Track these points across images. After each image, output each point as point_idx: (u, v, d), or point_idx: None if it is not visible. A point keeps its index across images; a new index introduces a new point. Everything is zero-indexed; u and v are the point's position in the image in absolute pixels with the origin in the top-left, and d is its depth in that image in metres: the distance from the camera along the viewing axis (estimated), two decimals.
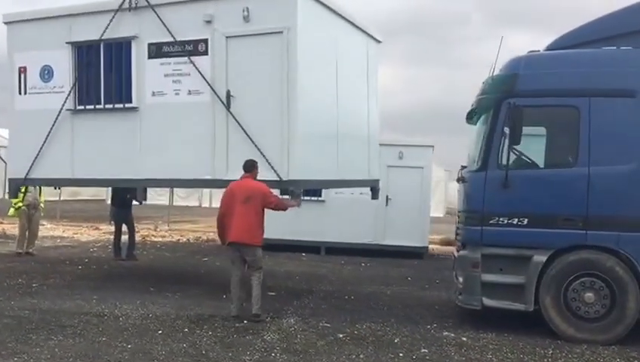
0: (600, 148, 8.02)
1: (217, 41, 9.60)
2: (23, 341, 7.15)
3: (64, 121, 10.79)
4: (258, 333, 7.83)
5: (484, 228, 8.33)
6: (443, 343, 7.68)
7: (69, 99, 10.74)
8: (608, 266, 7.94)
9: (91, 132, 10.67)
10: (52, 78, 10.96)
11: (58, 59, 10.81)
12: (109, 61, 10.43)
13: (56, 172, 10.97)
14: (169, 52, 9.95)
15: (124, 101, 10.36)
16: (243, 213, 8.51)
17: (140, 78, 10.20)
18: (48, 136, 10.83)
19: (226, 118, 9.58)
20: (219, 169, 9.65)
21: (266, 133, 9.29)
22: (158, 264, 14.00)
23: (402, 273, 13.50)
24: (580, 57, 8.40)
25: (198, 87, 9.75)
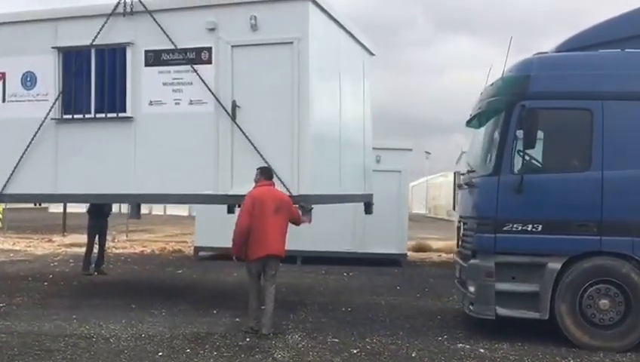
0: (613, 152, 8.04)
1: (222, 50, 9.42)
2: None
3: (48, 132, 10.24)
4: (266, 352, 7.54)
5: (498, 236, 8.25)
6: (462, 356, 7.55)
7: (54, 108, 10.24)
8: (623, 272, 7.95)
9: (79, 143, 10.16)
10: (35, 86, 10.41)
11: (42, 65, 10.30)
12: (101, 68, 10.04)
13: (37, 187, 10.35)
14: (169, 60, 9.67)
15: (118, 110, 9.95)
16: (277, 223, 8.28)
17: (136, 87, 9.84)
18: (28, 148, 10.27)
19: (231, 129, 9.34)
20: (222, 183, 9.38)
21: (275, 146, 9.09)
22: (131, 278, 13.50)
23: (388, 282, 13.39)
24: (593, 59, 8.41)
25: (201, 96, 9.48)
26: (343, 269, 15.10)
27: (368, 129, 12.11)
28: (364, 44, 11.51)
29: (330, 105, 10.09)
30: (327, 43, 9.87)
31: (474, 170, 9.25)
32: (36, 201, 12.92)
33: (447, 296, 11.56)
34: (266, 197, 8.32)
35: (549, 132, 8.24)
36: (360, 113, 11.61)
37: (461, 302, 9.19)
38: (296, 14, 9.13)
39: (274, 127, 9.16)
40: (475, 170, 9.15)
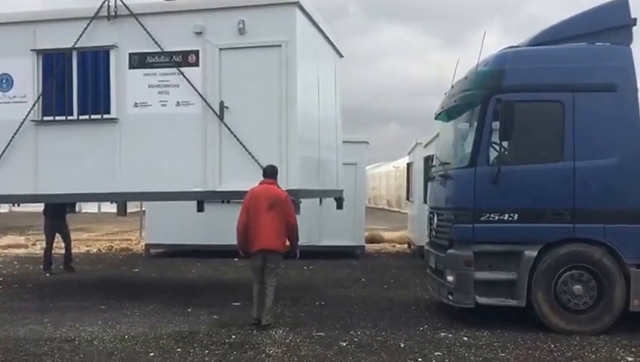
0: (584, 143, 8.54)
1: (209, 53, 9.87)
2: None
3: (26, 133, 10.42)
4: (257, 348, 7.74)
5: (476, 226, 8.66)
6: (448, 344, 7.93)
7: (32, 110, 10.41)
8: (596, 258, 8.49)
9: (60, 144, 10.37)
10: (11, 88, 10.61)
11: (19, 67, 10.51)
12: (83, 70, 10.30)
13: (17, 188, 10.53)
14: (154, 62, 10.05)
15: (102, 112, 10.24)
16: (269, 219, 8.61)
17: (120, 89, 10.17)
18: (6, 150, 10.42)
19: (218, 129, 9.81)
20: (211, 181, 9.84)
21: (263, 144, 9.62)
22: (88, 279, 13.42)
23: (351, 274, 13.74)
24: (563, 53, 8.90)
25: (188, 98, 9.93)
26: (301, 263, 15.25)
27: (339, 127, 12.73)
28: (335, 46, 12.09)
29: (311, 106, 10.59)
30: (309, 46, 10.41)
31: (447, 163, 9.64)
32: (17, 202, 12.81)
33: (414, 287, 12.00)
34: (261, 194, 8.71)
35: (524, 124, 8.64)
36: (333, 112, 12.16)
37: (437, 291, 9.56)
38: (284, 19, 9.70)
39: (262, 127, 9.68)
40: (450, 163, 9.55)
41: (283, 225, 8.75)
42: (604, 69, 8.72)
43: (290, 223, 8.86)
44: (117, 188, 10.25)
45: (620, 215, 8.52)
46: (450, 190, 9.26)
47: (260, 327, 8.58)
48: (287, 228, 8.83)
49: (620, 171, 8.53)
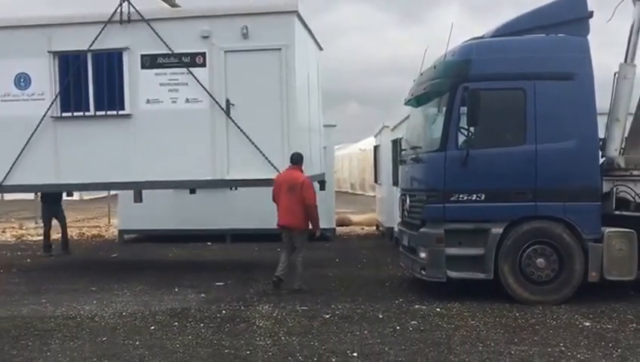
0: (544, 127, 9.42)
1: (216, 55, 11.22)
2: (23, 347, 7.39)
3: (46, 128, 11.59)
4: (248, 321, 8.53)
5: (446, 206, 9.54)
6: (423, 315, 8.80)
7: (51, 107, 11.58)
8: (557, 234, 9.42)
9: (79, 138, 11.57)
10: (29, 86, 11.72)
11: (36, 67, 11.62)
12: (98, 70, 11.50)
13: (40, 178, 11.75)
14: (164, 63, 11.34)
15: (117, 108, 11.50)
16: (288, 201, 10.20)
17: (133, 87, 11.43)
18: (28, 143, 11.57)
19: (225, 123, 11.25)
20: (219, 170, 11.30)
21: (266, 136, 11.08)
22: (70, 264, 14.11)
23: (325, 256, 14.57)
24: (525, 44, 9.77)
25: (197, 95, 11.29)
26: (274, 246, 16.02)
27: (321, 115, 14.03)
28: (317, 41, 13.29)
29: (304, 98, 11.83)
30: (303, 47, 11.73)
31: (418, 147, 10.51)
32: (40, 191, 14.02)
33: (386, 266, 12.86)
34: (282, 179, 10.37)
35: (489, 110, 9.45)
36: (316, 101, 13.37)
37: (410, 268, 10.42)
38: (284, 25, 11.18)
39: (264, 121, 11.12)
40: (420, 147, 10.41)
41: (301, 206, 10.14)
42: (563, 58, 9.61)
43: (307, 204, 10.23)
44: (131, 178, 11.51)
45: (578, 193, 9.43)
46: (422, 173, 10.13)
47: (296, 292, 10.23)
48: (304, 208, 10.19)
49: (577, 153, 9.44)
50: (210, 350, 7.21)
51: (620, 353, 7.00)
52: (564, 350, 7.11)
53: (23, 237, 18.80)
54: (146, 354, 7.07)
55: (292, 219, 10.26)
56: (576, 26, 9.74)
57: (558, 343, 7.36)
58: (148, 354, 7.03)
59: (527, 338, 7.62)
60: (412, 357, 6.91)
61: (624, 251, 9.39)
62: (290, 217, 10.25)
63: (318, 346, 7.31)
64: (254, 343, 7.47)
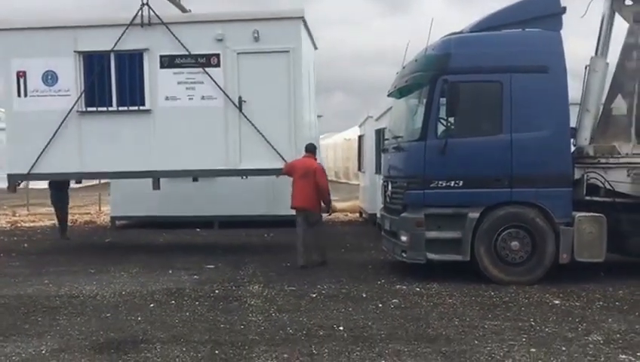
0: (520, 118, 10.00)
1: (229, 56, 12.40)
2: (34, 322, 7.90)
3: (71, 121, 12.65)
4: (240, 300, 9.09)
5: (426, 192, 10.13)
6: (403, 293, 9.40)
7: (77, 102, 12.64)
8: (530, 218, 10.04)
9: (102, 130, 12.66)
10: (56, 83, 12.75)
11: (63, 66, 12.67)
12: (120, 69, 12.57)
13: (65, 166, 12.77)
14: (182, 63, 12.48)
15: (138, 104, 12.61)
16: (302, 185, 11.39)
17: (153, 85, 12.55)
18: (55, 135, 12.59)
19: (238, 118, 12.44)
20: (232, 160, 12.50)
21: (275, 130, 12.31)
22: (66, 248, 14.70)
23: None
24: (502, 38, 10.35)
25: (212, 93, 12.46)
26: (260, 231, 16.72)
27: (315, 107, 15.31)
28: (314, 41, 14.32)
29: (306, 94, 12.89)
30: (306, 49, 13.10)
31: (400, 136, 11.08)
32: (65, 178, 14.79)
33: (369, 250, 13.44)
34: (297, 165, 11.59)
35: (467, 102, 10.00)
36: (313, 95, 14.55)
37: (392, 251, 11.01)
38: (292, 29, 12.43)
39: (273, 116, 12.34)
40: (402, 136, 10.99)
41: (314, 189, 11.36)
42: (537, 52, 10.19)
43: (320, 187, 11.49)
44: (150, 167, 12.58)
45: (550, 180, 10.04)
46: (403, 161, 10.70)
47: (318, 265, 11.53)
48: (318, 191, 11.42)
49: (550, 142, 10.04)
50: (207, 325, 7.75)
51: (585, 327, 7.61)
52: (533, 324, 7.71)
53: (17, 224, 19.24)
54: (148, 328, 7.61)
55: (306, 201, 11.46)
56: (549, 21, 10.30)
57: (529, 319, 7.97)
58: (150, 329, 7.56)
59: (500, 314, 8.23)
60: (393, 330, 7.49)
61: (594, 234, 10.02)
62: (305, 200, 11.44)
63: (307, 321, 7.87)
64: (247, 319, 8.02)
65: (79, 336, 7.31)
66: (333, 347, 6.82)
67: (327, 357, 6.50)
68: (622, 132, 10.63)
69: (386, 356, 6.53)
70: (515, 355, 6.55)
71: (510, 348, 6.79)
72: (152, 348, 6.83)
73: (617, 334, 7.30)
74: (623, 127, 10.64)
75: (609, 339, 7.09)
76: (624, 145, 10.45)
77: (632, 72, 10.67)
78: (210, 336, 7.26)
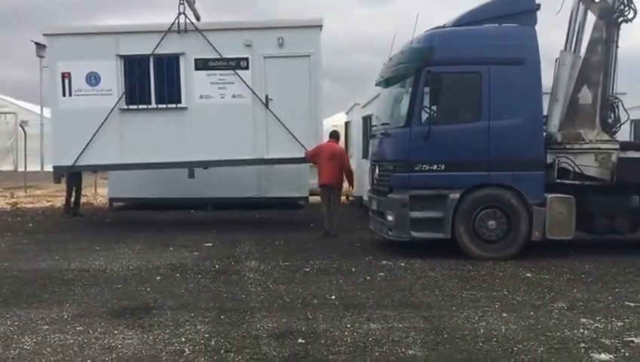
0: (497, 106, 10.70)
1: (257, 60, 13.85)
2: (52, 292, 8.52)
3: (113, 118, 13.86)
4: (239, 273, 9.77)
5: (411, 175, 10.82)
6: (390, 268, 10.12)
7: (119, 100, 13.86)
8: (506, 199, 10.77)
9: (141, 126, 13.92)
10: (99, 83, 13.94)
11: (105, 68, 13.88)
12: (158, 71, 13.87)
13: (106, 159, 14.07)
14: (214, 65, 13.87)
15: (175, 102, 13.93)
16: (330, 165, 13.04)
17: (188, 85, 13.92)
18: (98, 130, 13.76)
19: (265, 114, 13.91)
20: (260, 151, 14.04)
21: (297, 124, 13.80)
22: (68, 227, 15.29)
23: (300, 221, 15.90)
24: (481, 33, 11.06)
25: (241, 92, 13.92)
26: (253, 213, 17.39)
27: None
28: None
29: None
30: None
31: (387, 123, 11.76)
32: (107, 170, 16.22)
33: (356, 230, 14.11)
34: (324, 148, 13.33)
35: (449, 91, 10.63)
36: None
37: (379, 229, 11.72)
38: (312, 36, 13.97)
39: (296, 112, 13.85)
40: (389, 123, 11.67)
41: (339, 169, 13.13)
42: (514, 46, 10.89)
43: (346, 167, 13.40)
44: (186, 158, 13.89)
45: (525, 164, 10.77)
46: (390, 146, 11.39)
47: (333, 236, 13.14)
48: (344, 170, 13.25)
49: (525, 129, 10.78)
50: (211, 295, 8.43)
51: (552, 296, 8.37)
52: (506, 294, 8.46)
53: (17, 205, 19.76)
54: (157, 297, 8.27)
55: (333, 179, 13.09)
56: (525, 17, 11.05)
57: (502, 289, 8.72)
58: (160, 297, 8.23)
59: (477, 285, 8.98)
60: (381, 299, 8.21)
61: (564, 214, 10.80)
62: (332, 178, 13.06)
63: (302, 292, 8.56)
64: (248, 290, 8.71)
65: (95, 304, 7.96)
66: (326, 313, 7.51)
67: (321, 321, 7.18)
68: (587, 120, 11.40)
69: (374, 320, 7.23)
70: (488, 319, 7.28)
71: (484, 313, 7.52)
72: (164, 313, 7.49)
73: (580, 302, 8.06)
74: (588, 115, 11.41)
75: (572, 306, 7.84)
76: (589, 132, 11.25)
77: (597, 65, 11.42)
78: (214, 304, 7.92)
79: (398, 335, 6.65)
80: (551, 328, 6.93)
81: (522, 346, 6.32)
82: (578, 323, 7.12)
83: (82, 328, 6.91)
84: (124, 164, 14.29)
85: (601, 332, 6.82)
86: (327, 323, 7.10)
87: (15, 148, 38.67)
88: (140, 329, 6.86)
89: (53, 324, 7.07)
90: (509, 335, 6.66)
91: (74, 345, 6.36)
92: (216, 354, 6.11)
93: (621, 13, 11.39)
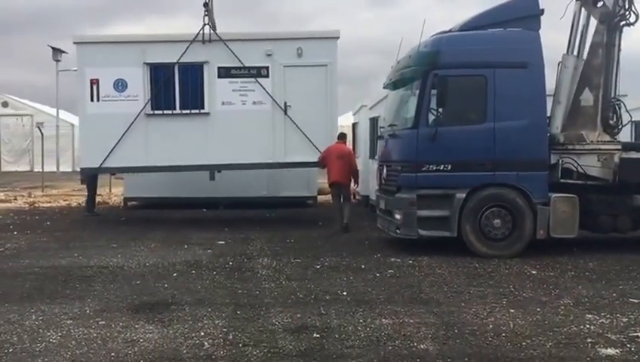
0: (502, 108, 10.76)
1: (277, 68, 14.33)
2: (73, 288, 8.62)
3: (139, 122, 14.25)
4: (252, 270, 9.85)
5: (418, 175, 10.88)
6: (398, 265, 10.18)
7: (145, 106, 14.25)
8: (511, 198, 10.83)
9: (166, 130, 14.34)
10: (126, 89, 14.32)
11: (132, 75, 14.28)
12: (183, 78, 14.29)
13: (132, 161, 14.41)
14: (236, 74, 14.33)
15: (198, 108, 14.37)
16: (338, 165, 13.56)
17: (211, 92, 14.34)
18: (124, 134, 14.13)
19: (283, 120, 14.37)
20: (278, 155, 14.45)
21: (314, 129, 14.27)
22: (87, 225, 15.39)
23: (310, 219, 16.01)
24: (486, 37, 11.09)
25: (261, 99, 14.37)
26: (263, 212, 17.46)
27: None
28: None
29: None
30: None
31: (395, 124, 11.83)
32: (133, 172, 16.05)
33: (364, 228, 14.18)
34: (332, 149, 13.75)
35: (456, 94, 10.69)
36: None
37: (387, 228, 11.79)
38: (329, 47, 14.49)
39: (313, 119, 14.29)
40: (396, 124, 11.74)
41: (347, 168, 13.64)
42: (518, 50, 10.95)
43: (353, 167, 13.90)
44: (208, 161, 14.32)
45: (529, 164, 10.83)
46: (398, 147, 11.46)
47: (345, 229, 13.56)
48: (351, 170, 13.74)
49: (529, 130, 10.83)
50: (226, 291, 8.51)
51: (558, 292, 8.43)
52: (513, 290, 8.52)
53: (35, 204, 19.87)
54: (175, 293, 8.36)
55: (342, 177, 13.60)
56: (529, 21, 11.09)
57: (509, 286, 8.78)
58: (177, 293, 8.32)
59: (484, 282, 9.05)
60: (391, 295, 8.28)
61: (568, 213, 10.85)
62: (341, 176, 13.58)
63: (314, 288, 8.64)
64: (261, 286, 8.79)
65: (116, 299, 8.05)
66: (339, 308, 7.59)
67: (334, 316, 7.26)
68: (589, 121, 11.46)
69: (385, 315, 7.30)
70: (496, 314, 7.34)
71: (492, 309, 7.58)
72: (182, 308, 7.58)
73: (585, 298, 8.12)
74: (589, 117, 11.47)
75: (578, 302, 7.91)
76: (591, 134, 11.33)
77: (598, 68, 11.48)
78: (230, 300, 8.01)
79: (409, 331, 6.72)
80: (558, 324, 6.99)
81: (530, 341, 6.38)
82: (584, 319, 7.18)
83: (104, 322, 7.00)
84: (149, 167, 14.64)
85: (606, 327, 6.88)
86: (340, 319, 7.17)
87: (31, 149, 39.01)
88: (159, 324, 6.94)
89: (77, 319, 7.17)
90: (517, 331, 6.72)
91: (97, 338, 6.46)
92: (234, 347, 6.19)
93: (622, 18, 11.43)
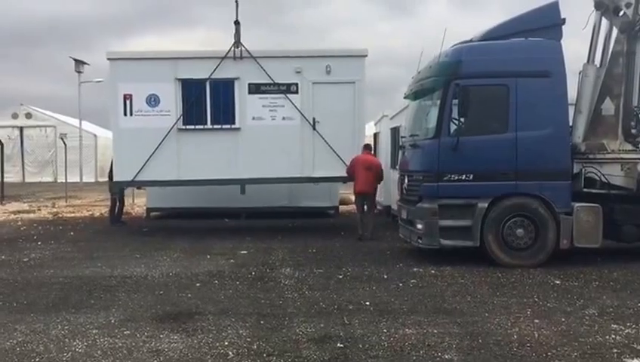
0: (524, 118, 10.66)
1: (305, 85, 14.67)
2: (97, 298, 8.64)
3: (171, 137, 14.53)
4: (275, 280, 9.81)
5: (440, 185, 10.81)
6: (421, 275, 10.09)
7: (177, 121, 14.53)
8: (533, 208, 10.71)
9: (197, 145, 14.60)
10: (158, 104, 14.60)
11: (164, 90, 14.57)
12: (214, 94, 14.61)
13: (164, 175, 14.62)
14: (266, 90, 14.63)
15: (229, 123, 14.68)
16: (366, 175, 13.77)
17: (242, 108, 14.67)
18: (156, 148, 14.40)
19: (312, 135, 14.70)
20: (307, 169, 14.80)
21: (342, 145, 14.53)
22: (110, 235, 15.50)
23: (331, 229, 15.92)
24: (507, 46, 11.00)
25: (291, 114, 14.70)
26: (285, 222, 17.45)
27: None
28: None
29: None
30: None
31: (416, 134, 11.77)
32: (165, 186, 16.08)
33: (386, 238, 14.10)
34: (360, 160, 13.94)
35: (477, 104, 10.63)
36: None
37: (408, 237, 11.70)
38: (357, 65, 14.78)
39: (341, 134, 14.56)
40: (418, 134, 11.68)
41: (374, 178, 13.89)
42: (540, 59, 10.85)
43: (380, 178, 14.14)
44: (238, 176, 14.63)
45: (552, 174, 10.72)
46: (419, 157, 11.39)
47: (369, 239, 13.78)
48: (377, 180, 14.06)
49: (552, 140, 10.72)
50: (249, 301, 8.47)
51: (582, 302, 8.30)
52: (537, 300, 8.41)
53: (58, 215, 20.03)
54: (198, 303, 8.34)
55: (368, 187, 13.83)
56: (551, 31, 11.00)
57: (533, 296, 8.66)
58: (200, 303, 8.30)
59: (507, 292, 8.93)
60: (414, 305, 8.20)
61: (591, 223, 10.71)
62: (367, 186, 13.80)
63: (337, 298, 8.58)
64: (284, 296, 8.74)
65: (140, 309, 8.05)
66: (362, 318, 7.52)
67: (358, 326, 7.20)
68: (610, 131, 11.34)
69: (409, 325, 7.23)
70: (521, 325, 7.24)
71: (517, 319, 7.48)
72: (206, 318, 7.55)
73: (610, 308, 7.98)
74: (611, 126, 11.35)
75: (603, 312, 7.78)
76: (612, 143, 11.20)
77: (619, 77, 11.36)
78: (253, 310, 7.97)
79: (433, 340, 6.64)
80: (583, 334, 6.88)
81: (556, 351, 6.29)
82: (609, 329, 7.06)
83: (129, 332, 6.99)
84: (181, 180, 14.77)
85: (632, 337, 6.76)
86: (363, 328, 7.11)
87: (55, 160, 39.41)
88: (184, 334, 6.92)
89: (102, 328, 7.16)
90: (542, 341, 6.62)
91: (123, 348, 6.44)
92: (258, 357, 6.15)
93: None
